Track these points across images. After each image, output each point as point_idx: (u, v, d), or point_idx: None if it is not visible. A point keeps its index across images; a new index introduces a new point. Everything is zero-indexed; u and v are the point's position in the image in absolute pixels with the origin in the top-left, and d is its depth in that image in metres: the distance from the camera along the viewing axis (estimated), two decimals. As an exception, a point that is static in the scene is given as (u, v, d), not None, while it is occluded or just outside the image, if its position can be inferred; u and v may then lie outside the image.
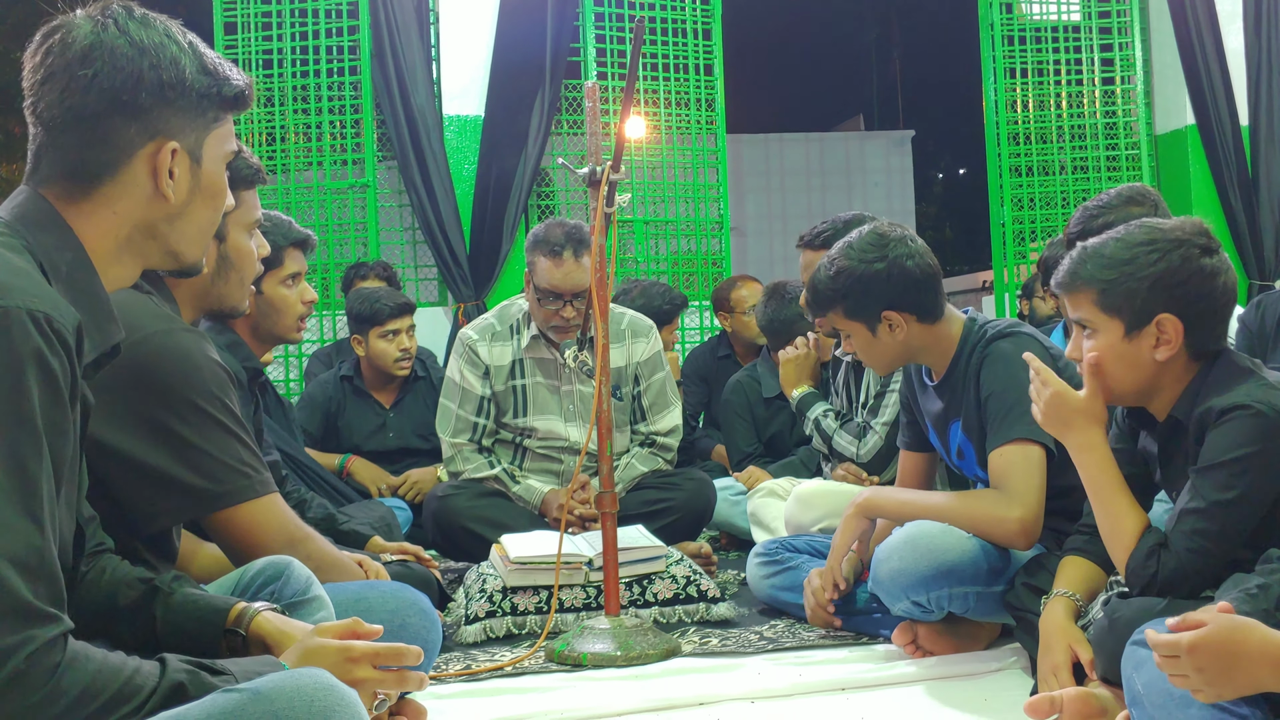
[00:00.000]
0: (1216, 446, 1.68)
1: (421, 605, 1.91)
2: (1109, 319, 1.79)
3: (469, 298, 5.54)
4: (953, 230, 23.87)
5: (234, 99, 1.39)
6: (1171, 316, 1.75)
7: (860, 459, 3.12)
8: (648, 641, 2.34)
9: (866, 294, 2.33)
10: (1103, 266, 1.79)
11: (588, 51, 5.83)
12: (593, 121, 2.46)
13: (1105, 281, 1.78)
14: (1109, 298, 1.79)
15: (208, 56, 1.36)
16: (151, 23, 1.33)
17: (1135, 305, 1.76)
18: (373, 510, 3.38)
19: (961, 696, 2.02)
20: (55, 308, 1.13)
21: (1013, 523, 2.17)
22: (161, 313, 1.81)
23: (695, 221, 6.19)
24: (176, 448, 1.72)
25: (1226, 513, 1.66)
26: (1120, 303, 1.78)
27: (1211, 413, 1.69)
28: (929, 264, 2.36)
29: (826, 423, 3.21)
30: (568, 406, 3.32)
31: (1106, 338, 1.80)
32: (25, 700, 1.02)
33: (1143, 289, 1.76)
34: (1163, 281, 1.75)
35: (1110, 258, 1.79)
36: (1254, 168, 6.23)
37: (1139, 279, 1.76)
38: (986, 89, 6.39)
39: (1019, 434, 2.21)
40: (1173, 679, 1.37)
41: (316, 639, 1.36)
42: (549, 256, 3.15)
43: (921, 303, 2.35)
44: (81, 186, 1.30)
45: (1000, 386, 2.26)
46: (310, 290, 2.51)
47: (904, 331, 2.35)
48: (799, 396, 3.35)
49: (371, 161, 5.62)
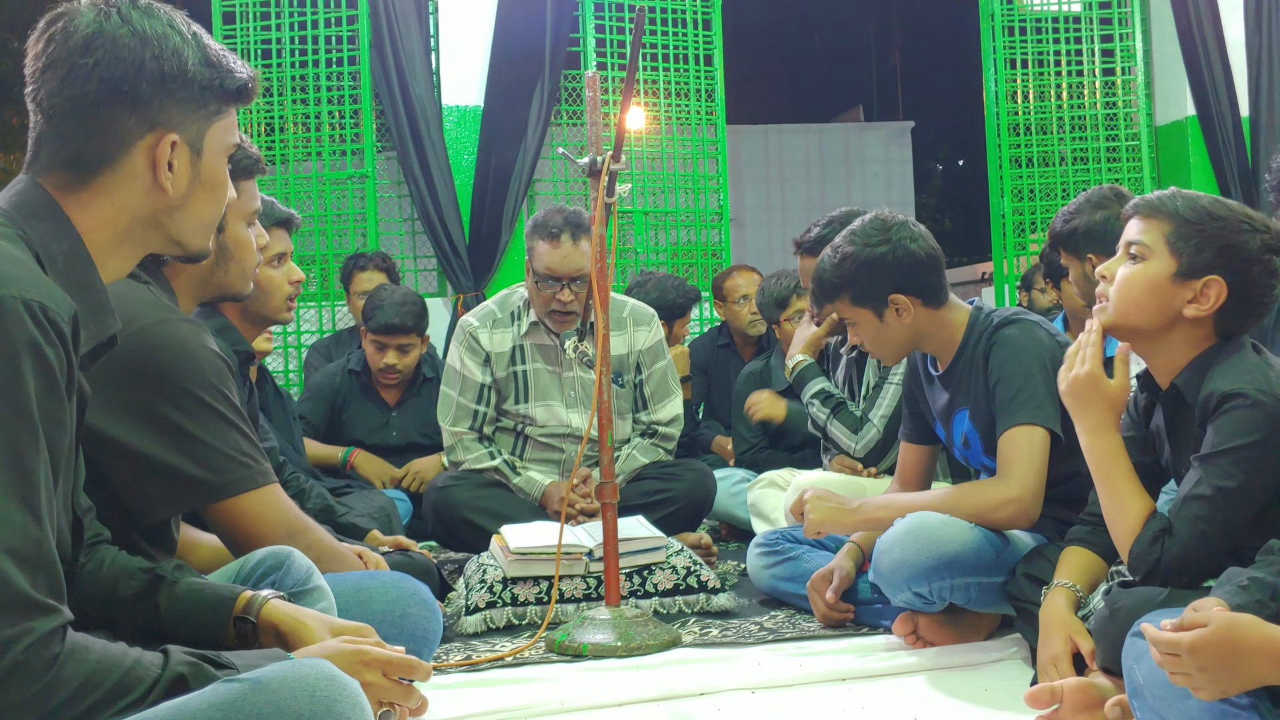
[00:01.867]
0: (1219, 435, 1.68)
1: (422, 595, 1.92)
2: (1169, 255, 1.79)
3: (468, 288, 5.54)
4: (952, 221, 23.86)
5: (237, 92, 1.37)
6: (1221, 281, 1.76)
7: (856, 454, 3.11)
8: (648, 632, 2.34)
9: (872, 277, 2.33)
10: (1190, 208, 1.80)
11: (587, 42, 5.82)
12: (593, 112, 2.45)
13: (1186, 222, 1.79)
14: (1180, 236, 1.79)
15: (211, 48, 1.36)
16: (155, 13, 1.32)
17: (1199, 255, 1.77)
18: (372, 500, 3.37)
19: (962, 687, 2.02)
20: (51, 297, 1.12)
21: (1011, 502, 2.18)
22: (160, 303, 1.81)
23: (695, 212, 6.18)
24: (176, 438, 1.72)
25: (1229, 500, 1.66)
26: (1187, 246, 1.78)
27: (1214, 397, 1.70)
28: (932, 246, 2.37)
29: (817, 410, 3.19)
30: (569, 392, 3.32)
31: (1154, 268, 1.80)
32: (25, 691, 1.02)
33: (1213, 245, 1.77)
34: (1234, 250, 1.76)
35: (1202, 208, 1.80)
36: (1254, 159, 6.22)
37: (1215, 235, 1.77)
38: (987, 80, 6.37)
39: (1024, 418, 2.22)
40: (1173, 677, 1.38)
41: (332, 641, 1.36)
42: (547, 240, 3.16)
43: (927, 285, 2.35)
44: (80, 176, 1.29)
45: (1008, 372, 2.26)
46: (296, 270, 2.47)
47: (910, 315, 2.34)
48: (797, 366, 3.29)
49: (370, 152, 5.61)
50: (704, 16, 6.10)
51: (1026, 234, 6.38)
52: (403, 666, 1.37)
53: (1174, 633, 1.36)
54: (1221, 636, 1.33)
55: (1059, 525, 2.28)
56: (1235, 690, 1.35)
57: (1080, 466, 2.27)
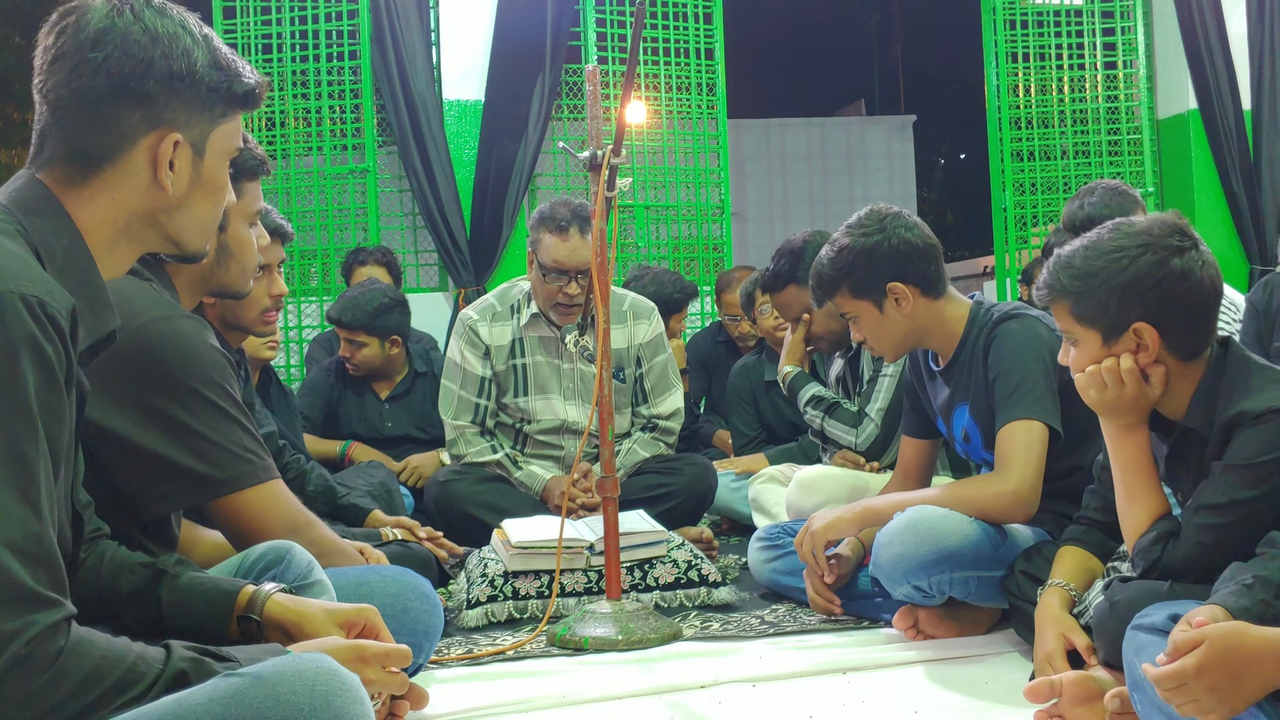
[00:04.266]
0: (1249, 447, 1.64)
1: (423, 590, 1.92)
2: (1086, 330, 1.76)
3: (469, 283, 5.54)
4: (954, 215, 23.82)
5: (244, 96, 1.38)
6: (1143, 325, 1.70)
7: (858, 448, 3.12)
8: (649, 626, 2.34)
9: (869, 266, 2.35)
10: (1073, 277, 1.75)
11: (588, 35, 5.81)
12: (593, 106, 2.45)
13: (1077, 293, 1.74)
14: (1083, 309, 1.75)
15: (221, 51, 1.36)
16: (168, 12, 1.33)
17: (1109, 315, 1.72)
18: (372, 475, 3.38)
19: (962, 680, 2.03)
20: (49, 292, 1.12)
21: (1008, 495, 2.18)
22: (162, 300, 1.81)
23: (696, 207, 6.18)
24: (179, 434, 1.73)
25: (1244, 511, 1.63)
26: (1094, 313, 1.74)
27: (1245, 416, 1.64)
28: (927, 235, 2.39)
29: (811, 414, 3.20)
30: (566, 385, 3.32)
31: (1087, 348, 1.76)
32: (28, 686, 1.02)
33: (1114, 299, 1.71)
34: (1132, 289, 1.70)
35: (1080, 268, 1.74)
36: (1256, 153, 6.21)
37: (1109, 289, 1.71)
38: (988, 73, 6.37)
39: (1022, 413, 2.22)
40: (1181, 709, 1.34)
41: (331, 637, 1.37)
42: (555, 233, 3.16)
43: (925, 274, 2.36)
44: (82, 171, 1.30)
45: (1007, 366, 2.27)
46: (280, 283, 2.38)
47: (909, 305, 2.36)
48: (786, 377, 3.31)
49: (371, 146, 5.61)
50: (705, 10, 6.09)
51: (1028, 228, 6.38)
52: (400, 657, 1.38)
53: (1173, 662, 1.33)
54: (1223, 649, 1.32)
55: (1060, 520, 2.28)
56: (1245, 705, 1.33)
57: (1081, 461, 2.26)
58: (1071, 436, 2.27)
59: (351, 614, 1.46)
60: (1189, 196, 6.26)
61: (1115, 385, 1.74)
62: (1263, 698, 1.34)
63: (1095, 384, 1.76)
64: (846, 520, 2.37)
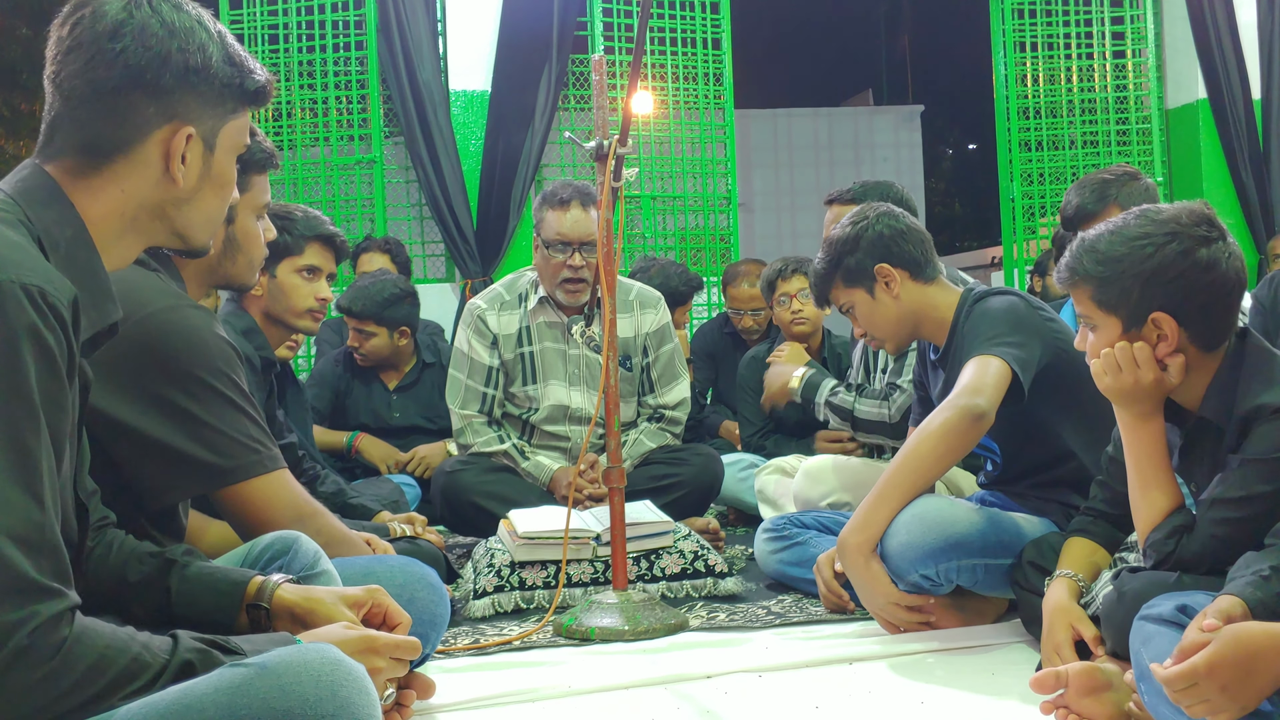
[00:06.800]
0: (1268, 441, 1.62)
1: (430, 579, 1.92)
2: (1106, 316, 1.75)
3: (476, 274, 5.54)
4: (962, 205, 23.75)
5: (255, 93, 1.40)
6: (1164, 315, 1.69)
7: (891, 419, 3.07)
8: (655, 616, 2.34)
9: (855, 252, 2.45)
10: (1097, 262, 1.74)
11: (594, 25, 5.80)
12: (600, 95, 2.44)
13: (1100, 278, 1.73)
14: (1105, 294, 1.74)
15: (234, 48, 1.38)
16: (183, 6, 1.35)
17: (1130, 303, 1.71)
18: (381, 488, 3.39)
19: (969, 670, 2.02)
20: (50, 282, 1.12)
21: (957, 409, 2.14)
22: (169, 290, 1.82)
23: (703, 197, 6.17)
24: (186, 423, 1.73)
25: (1261, 505, 1.62)
26: (1116, 300, 1.72)
27: (1265, 409, 1.63)
28: (912, 221, 2.50)
29: (843, 397, 3.16)
30: (573, 370, 3.31)
31: (1106, 334, 1.75)
32: (32, 675, 1.02)
33: (1136, 287, 1.70)
34: (1156, 278, 1.68)
35: (1105, 253, 1.73)
36: (1266, 142, 6.19)
37: (1132, 276, 1.70)
38: (996, 63, 6.35)
39: (981, 350, 2.24)
40: (1191, 710, 1.34)
41: (338, 627, 1.37)
42: (556, 207, 3.17)
43: (911, 256, 2.44)
44: (93, 162, 1.30)
45: (975, 325, 2.32)
46: (326, 289, 2.53)
47: (899, 288, 2.43)
48: (802, 379, 3.25)
49: (378, 137, 5.60)
50: (711, 0, 6.08)
51: (1036, 218, 6.36)
52: (409, 649, 1.39)
53: (1184, 662, 1.32)
54: (1234, 647, 1.31)
55: (1066, 511, 2.28)
56: (1256, 701, 1.33)
57: (1077, 445, 2.26)
58: (1080, 421, 2.27)
59: (360, 595, 1.47)
60: (1198, 186, 6.24)
61: (1130, 369, 1.73)
62: (1272, 692, 1.34)
63: (1110, 368, 1.75)
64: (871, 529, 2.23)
